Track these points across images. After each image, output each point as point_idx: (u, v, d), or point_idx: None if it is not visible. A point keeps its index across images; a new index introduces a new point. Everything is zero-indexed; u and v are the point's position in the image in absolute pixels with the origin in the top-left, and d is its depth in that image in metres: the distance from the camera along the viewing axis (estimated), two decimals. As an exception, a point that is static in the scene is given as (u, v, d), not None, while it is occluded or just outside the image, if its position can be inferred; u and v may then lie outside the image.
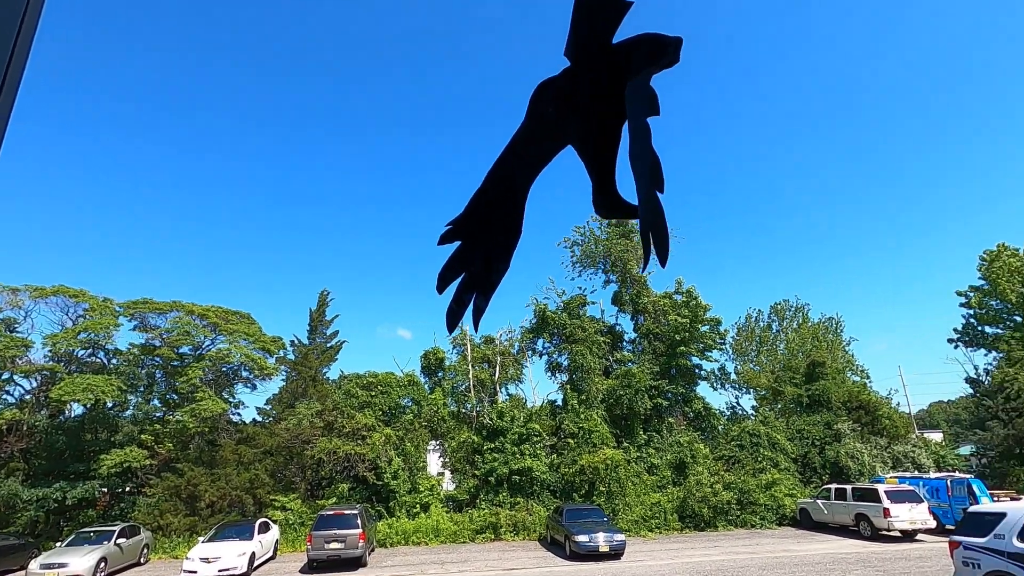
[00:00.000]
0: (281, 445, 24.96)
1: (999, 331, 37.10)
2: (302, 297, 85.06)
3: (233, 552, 16.50)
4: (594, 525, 18.45)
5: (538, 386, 60.47)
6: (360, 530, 17.42)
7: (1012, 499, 19.29)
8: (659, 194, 0.92)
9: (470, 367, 28.83)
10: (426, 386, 28.87)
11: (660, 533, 23.25)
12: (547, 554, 19.29)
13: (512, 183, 1.15)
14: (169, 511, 22.49)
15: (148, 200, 71.94)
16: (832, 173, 72.04)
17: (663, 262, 0.90)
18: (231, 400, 28.87)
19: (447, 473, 27.05)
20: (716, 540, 21.16)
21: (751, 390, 37.05)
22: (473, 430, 26.76)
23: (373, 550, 20.08)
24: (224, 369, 28.26)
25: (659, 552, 18.96)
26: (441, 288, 1.19)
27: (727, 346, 40.06)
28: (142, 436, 24.85)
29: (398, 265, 79.19)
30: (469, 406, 27.96)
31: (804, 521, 23.52)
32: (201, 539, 18.06)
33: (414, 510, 23.59)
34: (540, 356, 31.95)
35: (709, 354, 32.07)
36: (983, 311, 38.00)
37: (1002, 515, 8.46)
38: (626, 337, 33.04)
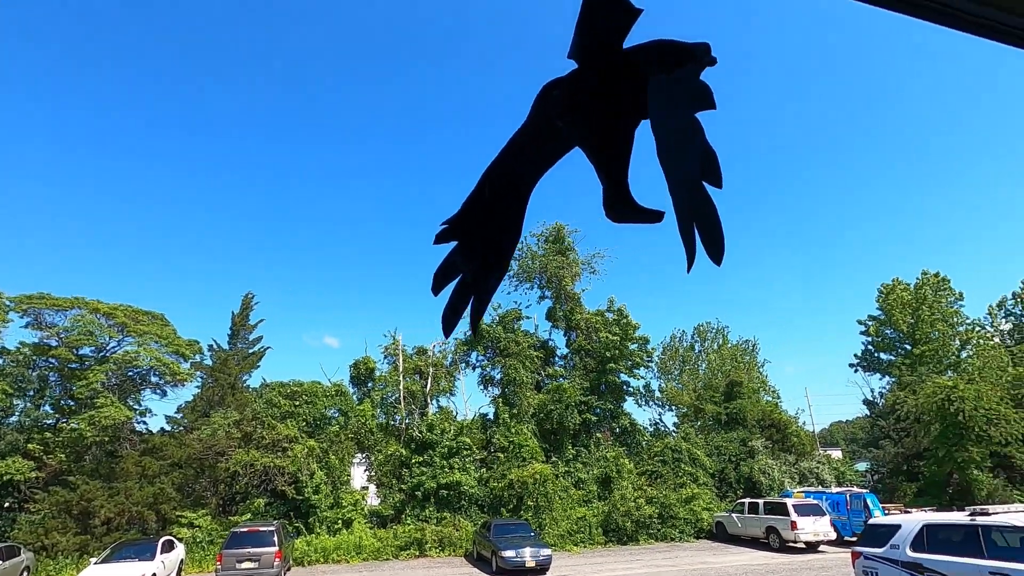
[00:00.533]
0: (192, 457, 23.28)
1: (892, 358, 40.74)
2: (225, 300, 79.98)
3: (130, 574, 15.11)
4: (521, 540, 18.42)
5: (470, 399, 60.34)
6: (276, 548, 16.47)
7: (901, 512, 21.05)
8: (719, 187, 0.92)
9: (401, 378, 28.23)
10: (354, 397, 27.96)
11: (585, 547, 23.55)
12: (473, 570, 19.03)
13: (514, 184, 1.12)
14: (56, 529, 20.32)
15: (55, 190, 65.81)
16: (754, 212, 77.06)
17: (718, 260, 0.89)
18: (137, 407, 26.70)
19: (372, 487, 26.21)
20: (638, 554, 21.69)
21: (674, 407, 38.52)
22: (402, 443, 26.14)
23: (289, 569, 19.04)
24: (131, 374, 26.16)
25: (584, 566, 19.18)
26: (436, 290, 1.15)
27: (653, 364, 41.63)
28: (28, 445, 22.44)
29: (326, 269, 76.02)
30: (399, 418, 27.32)
31: (720, 534, 24.58)
32: (93, 560, 16.40)
33: (336, 526, 22.63)
34: (473, 369, 31.83)
35: (637, 371, 33.07)
36: (879, 339, 41.64)
37: (897, 527, 9.23)
38: (558, 352, 33.56)
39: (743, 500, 24.37)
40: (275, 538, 16.69)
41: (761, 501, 22.91)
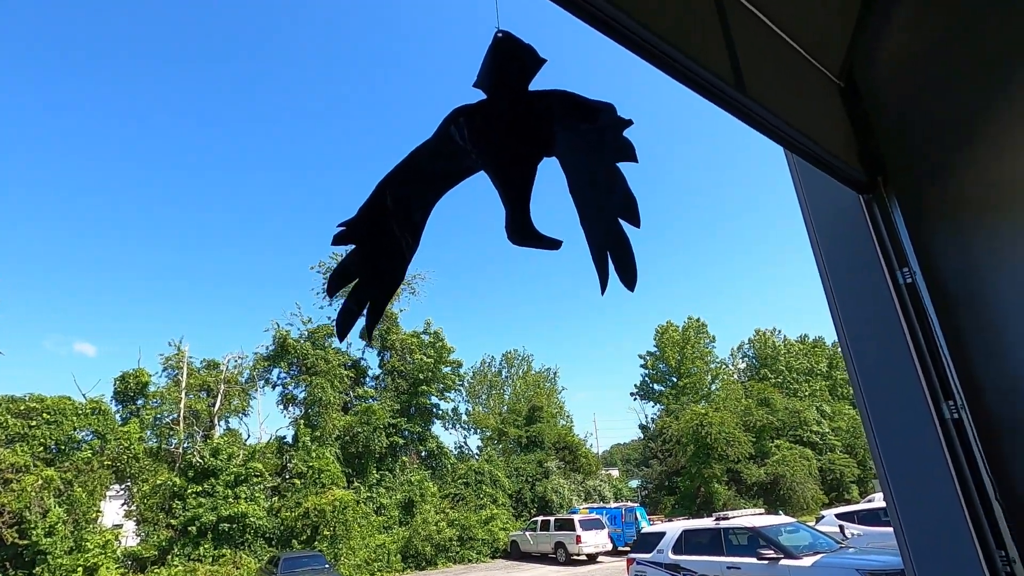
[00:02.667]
0: None
1: (663, 388, 47.64)
2: None
3: None
4: (313, 573, 17.16)
5: (266, 420, 54.55)
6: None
7: (663, 522, 24.47)
8: (636, 227, 1.08)
9: (183, 395, 24.61)
10: (118, 416, 23.49)
11: (382, 575, 22.77)
12: (253, 612, 17.10)
13: (416, 197, 1.17)
14: None
15: None
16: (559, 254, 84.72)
17: (631, 286, 1.05)
18: None
19: (131, 524, 22.13)
20: (435, 578, 21.69)
21: (479, 430, 39.81)
22: (176, 471, 22.62)
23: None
24: None
25: (379, 596, 18.53)
26: (331, 292, 1.15)
27: (463, 388, 42.65)
28: None
29: (81, 260, 58.75)
30: (175, 441, 23.66)
31: (513, 552, 25.80)
32: None
33: (74, 574, 18.50)
34: (274, 387, 29.15)
35: (448, 394, 33.57)
36: (654, 371, 48.46)
37: (663, 534, 10.78)
38: (370, 373, 32.53)
39: (536, 518, 25.99)
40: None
41: (552, 518, 24.69)
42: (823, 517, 14.57)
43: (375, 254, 1.12)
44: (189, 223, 62.84)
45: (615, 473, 44.26)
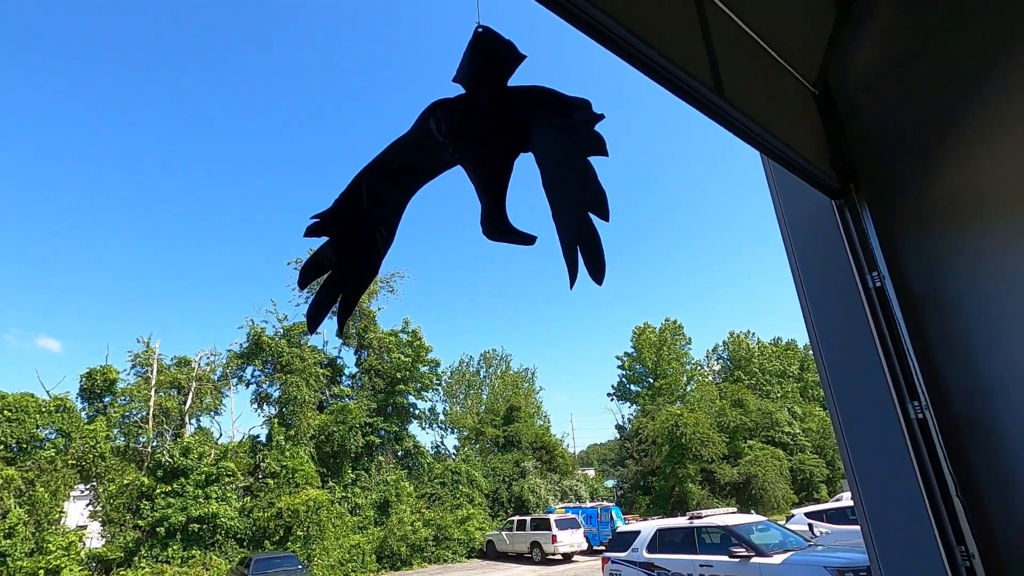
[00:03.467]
0: None
1: (639, 389, 48.10)
2: None
3: None
4: (286, 574, 16.92)
5: (239, 419, 53.50)
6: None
7: (638, 521, 24.73)
8: (605, 221, 1.09)
9: (153, 392, 24.02)
10: (84, 414, 22.81)
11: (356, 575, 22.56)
12: (223, 614, 16.78)
13: (391, 190, 1.17)
14: None
15: None
16: (537, 256, 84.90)
17: (599, 280, 1.05)
18: None
19: (95, 525, 21.52)
20: (410, 578, 21.55)
21: (456, 430, 39.69)
22: (145, 470, 22.07)
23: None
24: None
25: (353, 597, 18.34)
26: (304, 283, 1.14)
27: (441, 387, 42.51)
28: None
29: (44, 251, 55.77)
30: (143, 440, 23.08)
31: (490, 552, 25.78)
32: None
33: (35, 577, 17.93)
34: (247, 385, 28.63)
35: (425, 394, 33.37)
36: (631, 372, 48.90)
37: (637, 533, 10.90)
38: (347, 371, 32.17)
39: (512, 518, 26.01)
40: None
41: (528, 518, 24.74)
42: (793, 516, 14.88)
43: (349, 247, 1.11)
44: (161, 219, 61.39)
45: (591, 473, 44.55)
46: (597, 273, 1.08)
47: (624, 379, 49.50)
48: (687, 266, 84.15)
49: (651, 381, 47.12)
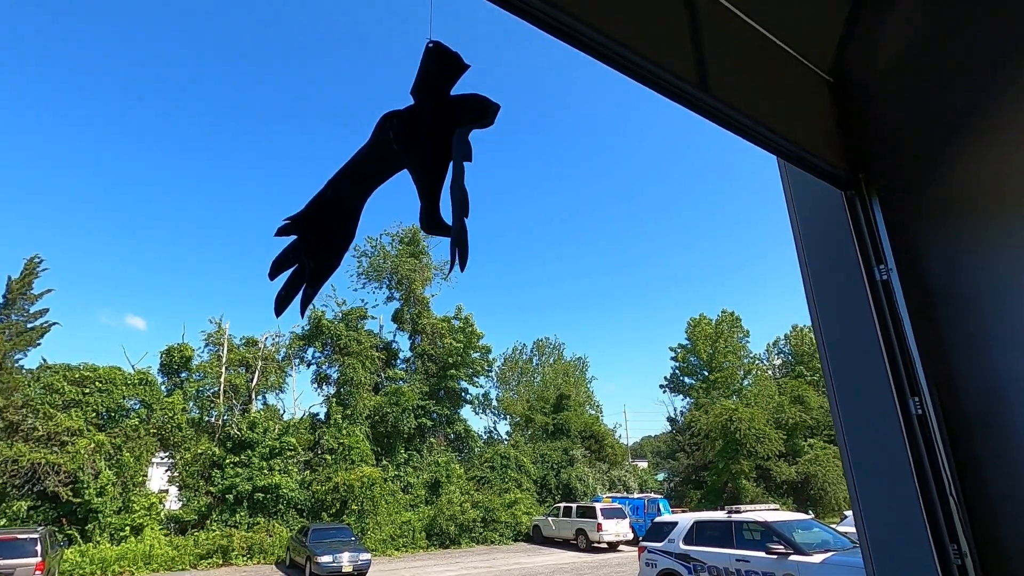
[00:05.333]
0: (-73, 449, 18.79)
1: (693, 382, 47.02)
2: (3, 262, 61.46)
3: None
4: (340, 545, 17.86)
5: (300, 397, 56.43)
6: (38, 559, 13.96)
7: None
8: (465, 218, 1.22)
9: (224, 370, 25.75)
10: (163, 387, 24.80)
11: (407, 552, 23.50)
12: (283, 578, 17.97)
13: (350, 195, 1.33)
14: None
15: None
16: (593, 248, 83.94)
17: (462, 267, 1.20)
18: None
19: (174, 490, 23.44)
20: (458, 557, 22.21)
21: (508, 416, 40.28)
22: (216, 441, 23.79)
23: (53, 584, 16.21)
24: None
25: (402, 570, 19.14)
26: (273, 275, 1.31)
27: (493, 374, 43.19)
28: None
29: (136, 238, 59.12)
30: (215, 414, 24.84)
31: (536, 537, 26.17)
32: None
33: (122, 533, 19.79)
34: (308, 366, 30.17)
35: (476, 379, 34.02)
36: (685, 364, 47.84)
37: (674, 524, 10.83)
38: (401, 355, 33.24)
39: (559, 505, 26.25)
40: (37, 547, 14.14)
41: (574, 505, 24.90)
42: (846, 517, 14.29)
43: (314, 246, 1.28)
44: (235, 210, 65.26)
45: (644, 465, 44.13)
46: (463, 263, 1.21)
47: (677, 371, 48.52)
48: (748, 256, 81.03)
49: (706, 374, 45.94)
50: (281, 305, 1.27)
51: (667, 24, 1.97)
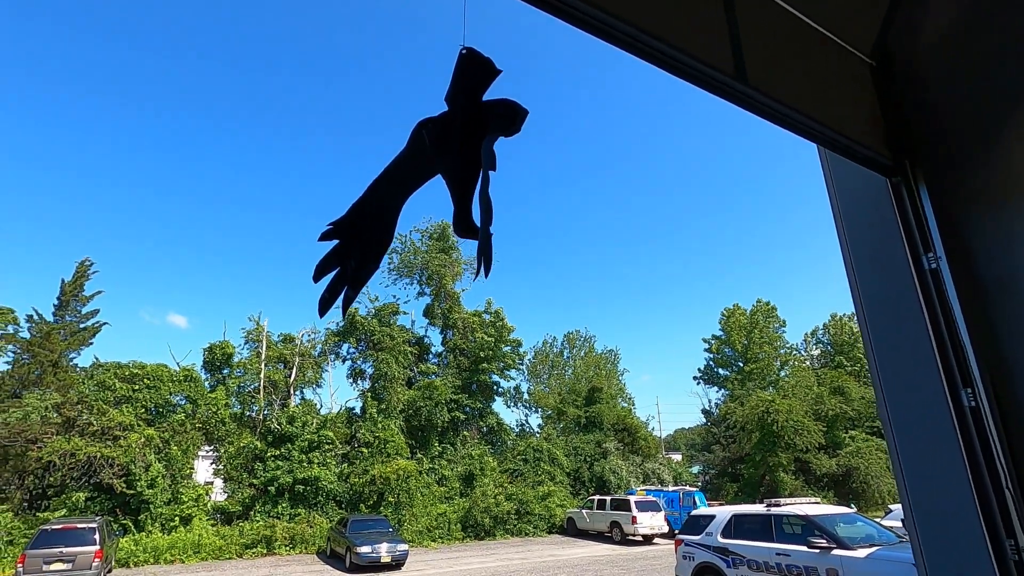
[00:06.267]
0: (-8, 444, 19.93)
1: (728, 373, 46.20)
2: (56, 265, 63.69)
3: None
4: (378, 536, 18.25)
5: (337, 392, 57.73)
6: (97, 547, 14.72)
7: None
8: (489, 227, 1.25)
9: (263, 366, 26.53)
10: (207, 383, 25.71)
11: (443, 543, 23.87)
12: (324, 567, 18.47)
13: (389, 199, 1.38)
14: None
15: None
16: (623, 240, 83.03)
17: (486, 274, 1.23)
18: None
19: (219, 482, 24.32)
20: (493, 548, 22.45)
21: (539, 409, 40.34)
22: (257, 435, 24.56)
23: (111, 571, 17.07)
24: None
25: (439, 561, 19.46)
26: (317, 278, 1.38)
27: (524, 367, 43.27)
28: None
29: (177, 238, 61.75)
30: (256, 409, 25.64)
31: (570, 529, 26.23)
32: None
33: (172, 523, 20.67)
34: (343, 361, 30.85)
35: (508, 373, 34.17)
36: (719, 356, 47.01)
37: (712, 517, 10.71)
38: (433, 350, 33.65)
39: (593, 497, 26.22)
40: (95, 536, 14.91)
41: (608, 498, 24.84)
42: (891, 511, 13.88)
43: (355, 249, 1.34)
44: (267, 211, 67.00)
45: (678, 458, 43.67)
46: (487, 270, 1.24)
47: (712, 362, 47.74)
48: (783, 244, 78.94)
49: (741, 365, 45.09)
50: (324, 307, 1.33)
51: (702, 15, 1.95)
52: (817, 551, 8.14)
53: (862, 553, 7.79)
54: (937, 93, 2.48)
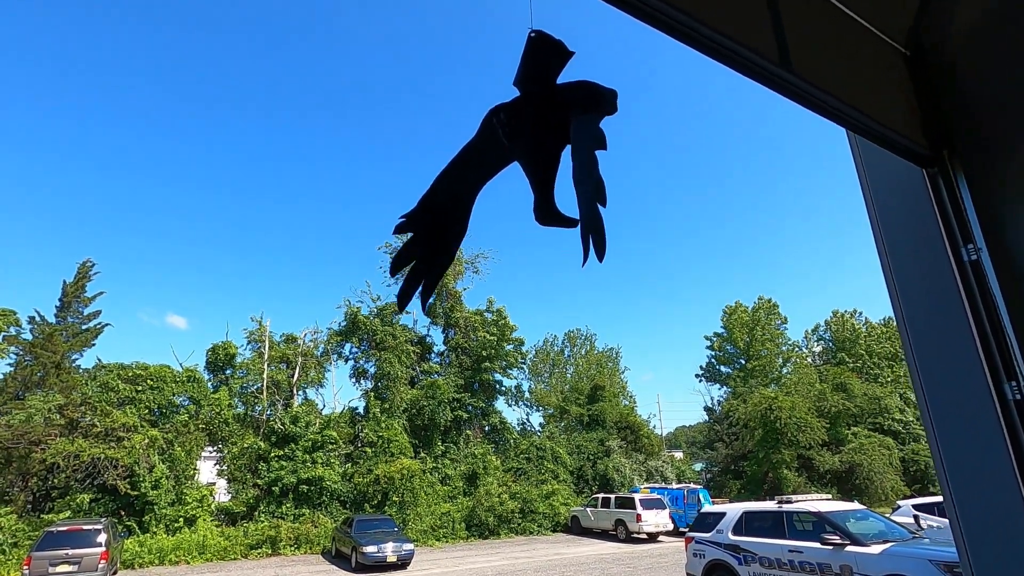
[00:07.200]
0: (-4, 446, 19.88)
1: (730, 370, 46.19)
2: (58, 266, 63.32)
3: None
4: (384, 535, 18.22)
5: (340, 392, 57.69)
6: (103, 548, 14.68)
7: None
8: (601, 207, 1.19)
9: (266, 366, 26.48)
10: (210, 384, 25.66)
11: (447, 542, 23.84)
12: (330, 567, 18.44)
13: (461, 188, 1.33)
14: None
15: None
16: (625, 240, 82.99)
17: (600, 257, 1.17)
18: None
19: (222, 482, 24.28)
20: (498, 547, 22.43)
21: (541, 408, 40.31)
22: (261, 435, 24.52)
23: (116, 572, 17.03)
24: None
25: (444, 560, 19.44)
26: (394, 272, 1.34)
27: (526, 366, 43.21)
28: None
29: (175, 237, 61.66)
30: (259, 409, 25.59)
31: (574, 527, 26.21)
32: None
33: (176, 524, 20.62)
34: (346, 361, 30.79)
35: (510, 372, 34.11)
36: (721, 353, 47.00)
37: (722, 515, 10.68)
38: (435, 349, 33.60)
39: (597, 495, 26.20)
40: (101, 538, 14.87)
41: (613, 496, 24.82)
42: (899, 507, 13.87)
43: (429, 240, 1.29)
44: (270, 210, 66.92)
45: (679, 455, 43.62)
46: (600, 254, 1.18)
47: (713, 360, 47.72)
48: (784, 241, 78.92)
49: (743, 362, 45.07)
50: (404, 300, 1.29)
51: (745, 2, 1.91)
52: (830, 548, 8.10)
53: (876, 549, 7.76)
54: (974, 82, 2.44)
